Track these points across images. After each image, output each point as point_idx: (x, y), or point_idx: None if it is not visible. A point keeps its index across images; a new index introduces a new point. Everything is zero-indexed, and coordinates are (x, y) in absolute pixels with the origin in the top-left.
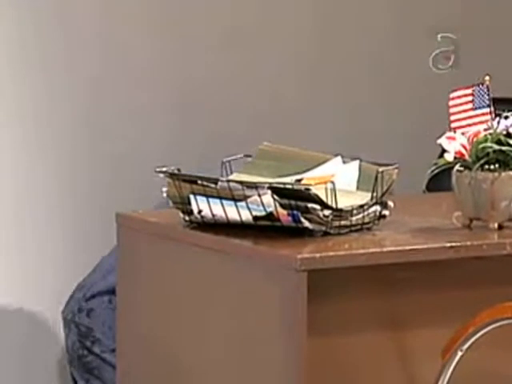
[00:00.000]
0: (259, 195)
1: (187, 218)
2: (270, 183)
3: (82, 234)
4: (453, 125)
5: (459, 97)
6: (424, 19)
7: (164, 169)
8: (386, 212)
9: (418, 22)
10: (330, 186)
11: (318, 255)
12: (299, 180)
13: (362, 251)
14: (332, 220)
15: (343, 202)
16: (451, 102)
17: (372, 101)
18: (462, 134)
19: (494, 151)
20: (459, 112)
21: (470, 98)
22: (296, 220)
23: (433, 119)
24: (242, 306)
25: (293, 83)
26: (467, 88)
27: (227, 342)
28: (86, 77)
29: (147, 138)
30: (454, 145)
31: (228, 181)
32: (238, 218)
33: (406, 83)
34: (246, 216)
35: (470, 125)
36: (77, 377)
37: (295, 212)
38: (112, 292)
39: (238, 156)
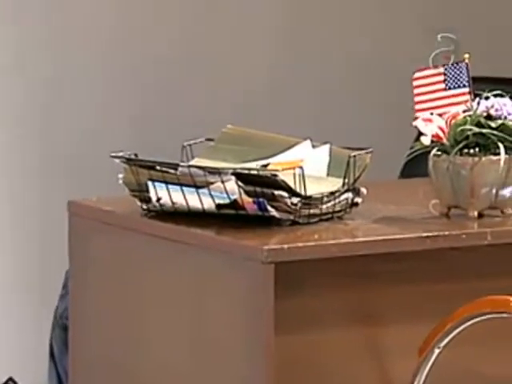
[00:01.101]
0: (222, 182)
1: (145, 207)
2: (234, 169)
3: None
4: (417, 106)
5: (426, 76)
6: (424, 19)
7: (120, 153)
8: (358, 199)
9: (417, 22)
10: (298, 171)
11: (285, 246)
12: (265, 165)
13: (332, 242)
14: (301, 208)
15: (313, 189)
16: (415, 83)
17: (372, 101)
18: (440, 115)
19: (474, 134)
20: (427, 93)
21: (442, 78)
22: (262, 208)
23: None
24: (204, 301)
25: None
26: (435, 67)
27: (189, 339)
28: (42, 59)
29: (106, 126)
30: (430, 127)
31: (189, 166)
32: (199, 206)
33: (405, 83)
34: (209, 204)
35: (440, 106)
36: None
37: (261, 200)
38: None
39: (200, 139)
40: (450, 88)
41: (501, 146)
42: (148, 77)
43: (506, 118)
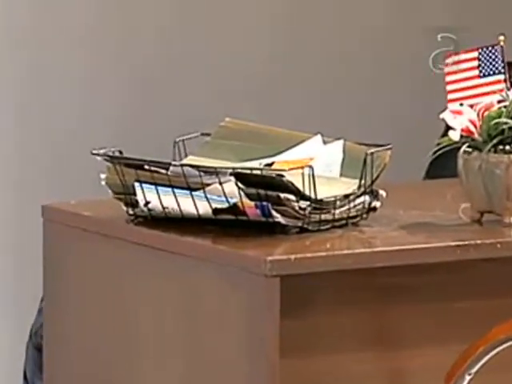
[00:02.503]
0: (220, 183)
1: (131, 212)
2: (234, 168)
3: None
4: (450, 96)
5: (459, 62)
6: (424, 19)
7: (102, 150)
8: (376, 204)
9: (417, 22)
10: (307, 171)
11: (292, 257)
12: (270, 164)
13: (346, 252)
14: (310, 213)
15: (324, 192)
16: (447, 69)
17: (371, 101)
18: (471, 106)
19: (510, 128)
20: (459, 81)
21: (476, 63)
22: (266, 213)
23: (433, 119)
24: (199, 319)
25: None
26: (470, 51)
27: (182, 362)
28: (18, 57)
29: (87, 125)
30: (460, 120)
31: (182, 165)
32: (193, 211)
33: (405, 83)
34: (204, 209)
35: (473, 96)
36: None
37: (264, 204)
38: None
39: (194, 134)
40: (484, 75)
41: None
42: (133, 69)
43: None
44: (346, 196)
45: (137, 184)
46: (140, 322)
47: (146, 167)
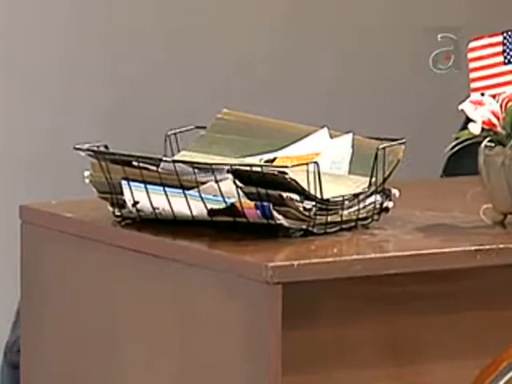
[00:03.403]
0: (216, 181)
1: (118, 213)
2: (232, 165)
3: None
4: (473, 85)
5: (483, 47)
6: (424, 19)
7: (86, 145)
8: (389, 204)
9: (417, 22)
10: (312, 168)
11: (295, 263)
12: (271, 160)
13: (355, 257)
14: (316, 215)
15: (331, 191)
16: (470, 55)
17: (371, 101)
18: (493, 96)
19: None
20: (483, 68)
21: (500, 49)
22: (266, 215)
23: (433, 119)
24: (193, 330)
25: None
26: (493, 36)
27: (173, 379)
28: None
29: (70, 123)
30: (481, 112)
31: (174, 161)
32: (187, 212)
33: (405, 83)
34: (199, 209)
35: (497, 85)
36: None
37: (265, 204)
38: None
39: (188, 127)
40: (509, 62)
41: None
42: (120, 57)
43: None
44: (356, 195)
45: (124, 182)
46: (127, 334)
47: (135, 163)
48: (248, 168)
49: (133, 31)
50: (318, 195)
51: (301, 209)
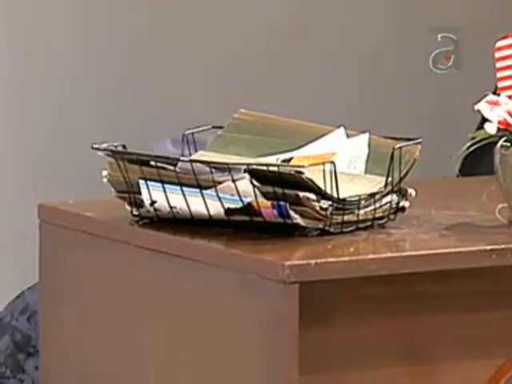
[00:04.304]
0: (233, 181)
1: (136, 212)
2: (249, 164)
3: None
4: (500, 84)
5: (509, 46)
6: (424, 19)
7: (104, 145)
8: (405, 203)
9: (418, 21)
10: (329, 167)
11: (312, 262)
12: (288, 160)
13: (372, 256)
14: (332, 214)
15: (347, 190)
16: (497, 54)
17: (371, 101)
18: (510, 97)
19: None
20: (510, 67)
21: None
22: (283, 214)
23: (434, 119)
24: (210, 330)
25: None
26: None
27: (189, 376)
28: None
29: (86, 117)
30: (497, 112)
31: (191, 161)
32: (204, 211)
33: (405, 83)
34: (216, 209)
35: None
36: None
37: (282, 203)
38: None
39: (205, 127)
40: None
41: None
42: (128, 55)
43: None
44: (372, 195)
45: (142, 182)
46: (145, 331)
47: (152, 163)
48: (265, 167)
49: (133, 31)
50: (335, 195)
51: (317, 208)
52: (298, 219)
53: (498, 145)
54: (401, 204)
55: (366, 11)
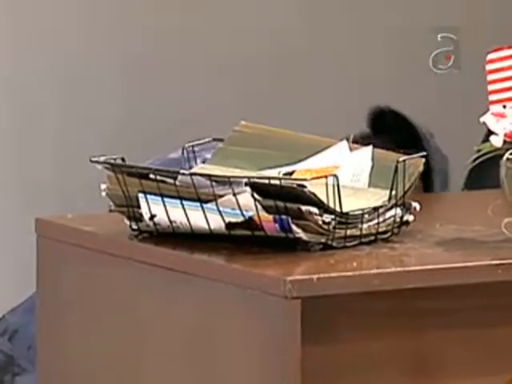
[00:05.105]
0: (234, 194)
1: (135, 226)
2: (250, 177)
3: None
4: (492, 97)
5: (502, 58)
6: (424, 19)
7: (102, 158)
8: (409, 217)
9: (418, 21)
10: (331, 181)
11: (315, 277)
12: (290, 173)
13: (376, 271)
14: (335, 228)
15: (350, 204)
16: (489, 67)
17: (371, 101)
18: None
19: None
20: (502, 80)
21: None
22: (285, 228)
23: (434, 120)
24: (211, 346)
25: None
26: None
27: None
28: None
29: (84, 128)
30: (503, 124)
31: (191, 174)
32: (205, 225)
33: (405, 83)
34: (217, 223)
35: None
36: None
37: (284, 217)
38: None
39: (206, 140)
40: None
41: None
42: (127, 55)
43: None
44: (375, 209)
45: (141, 195)
46: (144, 346)
47: (152, 176)
48: (266, 181)
49: (134, 31)
50: (338, 208)
51: (320, 222)
52: (300, 233)
53: (504, 158)
54: (405, 218)
55: (365, 11)
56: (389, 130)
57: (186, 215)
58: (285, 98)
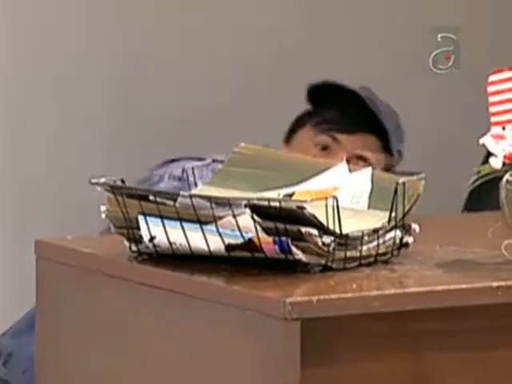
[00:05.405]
0: (234, 216)
1: (134, 248)
2: (250, 199)
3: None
4: (493, 119)
5: (502, 81)
6: (424, 19)
7: (102, 179)
8: (409, 239)
9: (418, 21)
10: (331, 202)
11: (314, 298)
12: (289, 195)
13: (375, 293)
14: (335, 250)
15: (350, 226)
16: (490, 88)
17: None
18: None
19: None
20: (503, 102)
21: None
22: (285, 250)
23: (434, 121)
24: (211, 368)
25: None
26: None
27: None
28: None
29: (83, 128)
30: (502, 146)
31: (191, 196)
32: (204, 247)
33: (405, 83)
34: (217, 244)
35: None
36: None
37: (284, 239)
38: None
39: (205, 162)
40: None
41: None
42: (127, 56)
43: None
44: (375, 230)
45: (141, 217)
46: (144, 367)
47: (152, 198)
48: (266, 202)
49: (135, 31)
50: (337, 230)
51: (320, 244)
52: (299, 255)
53: (504, 180)
54: (404, 240)
55: (366, 11)
56: (332, 103)
57: (186, 237)
58: (285, 97)
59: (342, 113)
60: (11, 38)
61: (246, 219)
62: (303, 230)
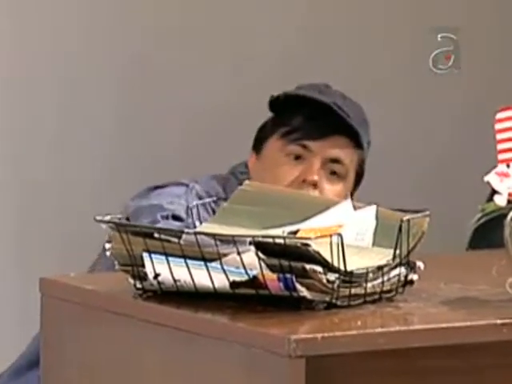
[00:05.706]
0: (239, 253)
1: (139, 285)
2: (254, 236)
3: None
4: (501, 156)
5: (510, 118)
6: (424, 19)
7: (107, 217)
8: (413, 276)
9: (418, 21)
10: (336, 239)
11: (319, 336)
12: (294, 232)
13: (380, 330)
14: (339, 287)
15: (355, 263)
16: (498, 126)
17: (370, 101)
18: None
19: None
20: (510, 139)
21: None
22: (289, 287)
23: (434, 121)
24: None
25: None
26: None
27: None
28: None
29: (84, 128)
30: (507, 184)
31: (196, 233)
32: (209, 284)
33: (405, 83)
34: (221, 282)
35: None
36: None
37: (288, 276)
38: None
39: (209, 199)
40: None
41: None
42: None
43: None
44: (380, 268)
45: (145, 254)
46: None
47: (156, 235)
48: (271, 240)
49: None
50: (342, 267)
51: (324, 281)
52: (304, 292)
53: (508, 217)
54: (409, 277)
55: (366, 11)
56: (295, 110)
57: (191, 274)
58: None
59: (307, 118)
60: (12, 38)
61: (250, 256)
62: (308, 267)
